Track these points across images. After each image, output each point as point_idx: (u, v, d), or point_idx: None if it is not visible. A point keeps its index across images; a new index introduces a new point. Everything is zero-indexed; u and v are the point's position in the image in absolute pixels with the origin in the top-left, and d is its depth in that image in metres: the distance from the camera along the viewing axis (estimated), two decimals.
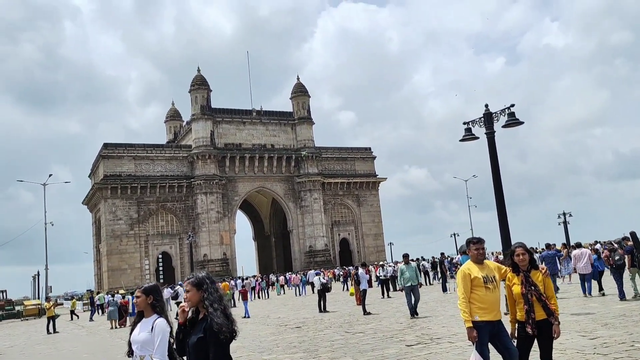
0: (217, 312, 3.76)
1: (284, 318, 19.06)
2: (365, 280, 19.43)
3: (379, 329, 13.33)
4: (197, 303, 3.92)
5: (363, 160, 77.12)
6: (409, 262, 15.85)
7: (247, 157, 66.61)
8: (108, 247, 61.38)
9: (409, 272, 15.13)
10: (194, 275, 4.08)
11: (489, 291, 5.35)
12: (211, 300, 3.83)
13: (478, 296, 5.33)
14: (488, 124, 13.65)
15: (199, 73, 67.61)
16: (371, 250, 74.25)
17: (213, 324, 3.70)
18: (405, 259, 15.87)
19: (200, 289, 3.91)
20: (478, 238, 5.59)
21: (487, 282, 5.37)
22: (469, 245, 5.57)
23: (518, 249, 5.54)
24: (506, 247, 13.32)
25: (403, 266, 15.47)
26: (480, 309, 5.30)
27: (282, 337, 13.68)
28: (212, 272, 59.88)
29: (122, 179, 61.48)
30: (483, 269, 5.47)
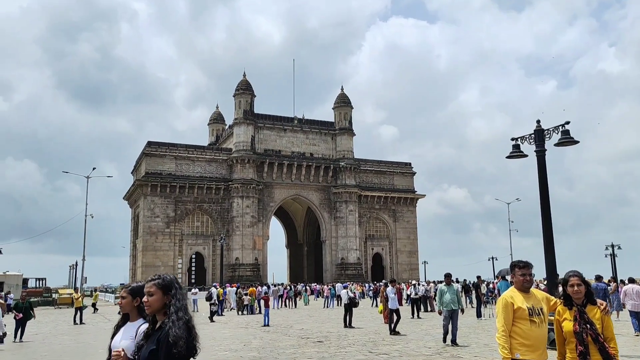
0: (180, 322, 3.13)
1: (307, 330, 18.36)
2: (394, 298, 18.15)
3: (405, 352, 12.46)
4: (159, 310, 3.28)
5: (402, 175, 75.85)
6: (451, 283, 14.25)
7: (285, 164, 66.54)
8: (144, 243, 62.26)
9: (450, 294, 13.60)
10: (160, 276, 3.42)
11: (535, 325, 4.54)
12: (177, 308, 3.21)
13: (521, 330, 4.53)
14: (539, 141, 12.66)
15: (244, 78, 68.20)
16: (404, 267, 72.65)
17: (169, 334, 3.06)
18: (447, 279, 14.23)
19: (166, 294, 3.29)
20: (525, 262, 4.79)
21: (533, 315, 4.56)
22: (514, 270, 4.78)
23: (573, 279, 4.70)
24: (551, 276, 12.26)
25: (444, 287, 13.91)
26: (522, 346, 4.49)
27: (301, 350, 12.99)
28: (242, 276, 59.88)
29: (162, 177, 62.40)
30: (529, 298, 4.67)
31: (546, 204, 12.62)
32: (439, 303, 13.65)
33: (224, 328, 20.07)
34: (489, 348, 12.90)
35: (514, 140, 13.48)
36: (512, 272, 4.79)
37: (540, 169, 12.68)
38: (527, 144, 13.22)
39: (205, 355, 12.38)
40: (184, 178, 63.18)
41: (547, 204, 12.64)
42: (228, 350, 13.30)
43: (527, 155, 13.42)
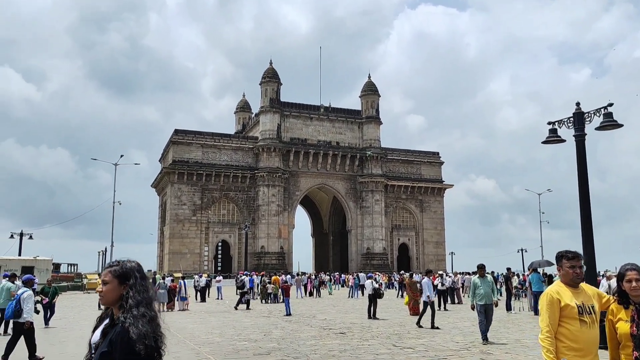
0: (143, 319, 2.56)
1: (330, 320, 17.90)
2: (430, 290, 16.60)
3: (431, 346, 11.87)
4: (114, 302, 2.72)
5: (430, 165, 74.54)
6: (485, 274, 13.12)
7: (311, 153, 66.07)
8: (171, 230, 62.83)
9: (484, 287, 12.55)
10: (119, 262, 2.84)
11: (585, 326, 3.90)
12: (136, 302, 2.63)
13: (569, 332, 3.91)
14: (578, 124, 11.80)
15: (271, 66, 67.74)
16: (431, 258, 71.61)
17: (130, 331, 2.50)
18: (481, 271, 13.09)
19: (123, 283, 2.72)
20: (575, 252, 4.14)
21: (584, 314, 3.93)
22: (561, 261, 4.13)
23: (630, 273, 4.02)
24: (590, 269, 11.45)
25: (477, 279, 12.80)
26: (570, 350, 3.87)
27: (322, 342, 12.53)
28: (267, 264, 59.91)
29: (189, 165, 62.71)
30: (578, 294, 4.03)
31: (585, 192, 11.79)
32: (472, 297, 12.68)
33: (245, 317, 19.79)
34: (521, 344, 12.21)
35: (551, 124, 12.63)
36: (559, 264, 4.15)
37: (579, 156, 11.83)
38: (564, 129, 12.37)
39: (224, 345, 12.03)
40: (210, 166, 63.37)
41: (587, 193, 11.82)
42: (247, 340, 12.94)
43: (564, 141, 12.57)
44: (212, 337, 13.63)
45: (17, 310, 10.38)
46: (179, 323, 17.34)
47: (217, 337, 13.62)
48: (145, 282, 2.78)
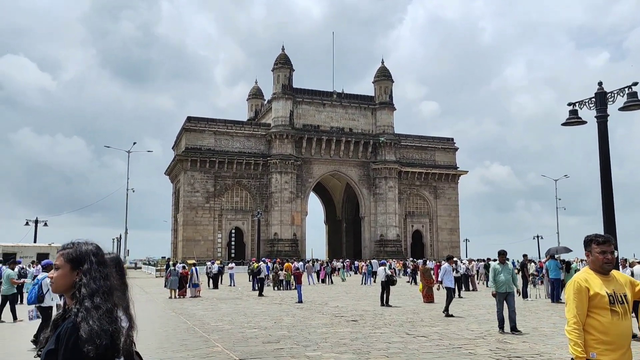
0: (97, 312, 2.19)
1: (342, 308, 17.65)
2: (450, 275, 16.54)
3: (445, 334, 11.54)
4: (67, 290, 2.36)
5: (444, 151, 73.70)
6: (506, 261, 12.56)
7: (324, 140, 65.63)
8: (184, 217, 63.07)
9: (505, 274, 12.02)
10: (74, 243, 2.44)
11: (617, 317, 3.54)
12: (90, 291, 2.25)
13: (599, 323, 3.54)
14: (600, 105, 11.27)
15: (283, 52, 67.14)
16: (445, 245, 71.10)
17: (81, 328, 2.14)
18: (502, 257, 12.49)
19: (77, 269, 2.34)
20: (606, 236, 3.76)
21: (615, 303, 3.56)
22: (590, 246, 3.76)
23: None
24: None
25: (497, 265, 12.26)
26: (600, 343, 3.51)
27: (334, 330, 12.27)
28: (280, 251, 59.92)
29: (202, 153, 62.70)
30: (609, 282, 3.66)
31: (607, 176, 11.30)
32: (493, 284, 12.13)
33: (257, 304, 19.63)
34: (538, 332, 11.84)
35: (571, 105, 12.10)
36: (588, 249, 3.77)
37: (601, 137, 11.32)
38: (585, 110, 11.84)
39: (233, 333, 11.82)
40: (223, 153, 63.29)
41: (609, 176, 11.33)
42: (257, 327, 12.73)
43: (585, 122, 12.06)
44: (222, 324, 13.45)
45: (39, 295, 10.43)
46: (190, 310, 17.22)
47: (227, 324, 13.45)
48: (103, 268, 2.39)
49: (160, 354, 9.43)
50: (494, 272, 12.19)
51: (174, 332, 12.21)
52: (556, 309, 17.19)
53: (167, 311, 17.01)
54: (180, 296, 22.60)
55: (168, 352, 9.64)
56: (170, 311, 16.92)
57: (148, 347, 10.19)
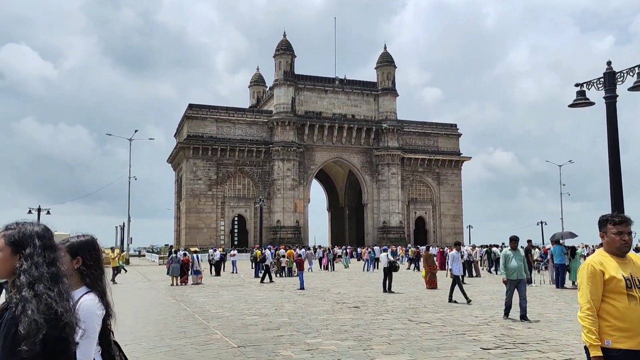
0: (38, 300, 1.95)
1: (344, 294, 17.48)
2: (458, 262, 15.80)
3: (448, 321, 11.34)
4: (9, 276, 2.10)
5: (447, 137, 73.21)
6: (517, 247, 11.98)
7: (326, 126, 65.24)
8: (187, 205, 63.00)
9: (517, 260, 11.48)
10: (17, 224, 2.18)
11: (635, 302, 3.28)
12: (32, 278, 2.00)
13: (615, 309, 3.29)
14: (609, 85, 10.91)
15: (285, 38, 66.49)
16: (448, 231, 70.94)
17: (20, 322, 1.90)
18: (513, 243, 11.93)
19: (18, 252, 2.08)
20: (623, 216, 3.49)
21: (633, 288, 3.30)
22: (605, 226, 3.49)
23: None
24: None
25: (509, 252, 11.74)
26: (616, 330, 3.26)
27: (335, 317, 12.08)
28: (283, 239, 59.85)
29: (204, 140, 62.42)
30: (625, 265, 3.40)
31: (616, 158, 10.96)
32: (504, 271, 11.64)
33: (259, 290, 19.49)
34: (544, 318, 11.63)
35: (579, 85, 11.74)
36: (602, 230, 3.51)
37: (610, 119, 10.96)
38: (593, 91, 11.49)
39: (233, 320, 11.66)
40: (225, 141, 62.99)
41: (617, 159, 10.99)
42: (258, 314, 12.56)
43: (593, 103, 11.70)
44: (222, 311, 13.29)
45: None
46: (190, 297, 17.08)
47: (227, 311, 13.29)
48: (50, 253, 2.12)
49: (158, 341, 9.26)
50: (505, 259, 11.69)
51: (173, 319, 12.06)
52: (561, 294, 16.98)
53: (168, 298, 16.87)
54: (181, 283, 22.50)
55: (166, 339, 9.47)
56: (170, 298, 16.79)
57: (146, 334, 10.04)
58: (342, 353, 7.97)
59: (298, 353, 8.04)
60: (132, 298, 17.38)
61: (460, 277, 15.74)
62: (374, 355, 7.80)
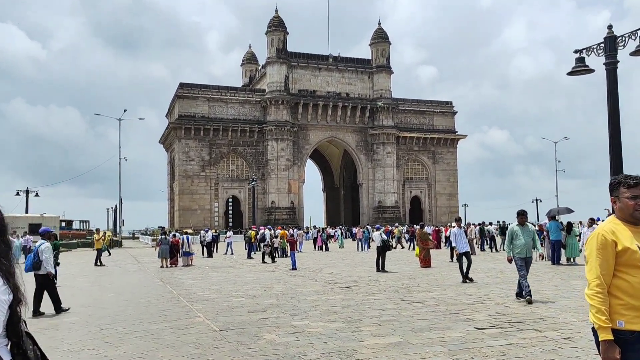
0: None
1: (337, 274, 17.08)
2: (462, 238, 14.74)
3: (442, 300, 10.94)
4: None
5: (442, 115, 72.58)
6: (525, 222, 10.96)
7: (320, 105, 64.45)
8: (180, 186, 62.43)
9: (525, 236, 10.48)
10: None
11: None
12: None
13: (628, 285, 2.80)
14: (610, 51, 10.35)
15: (277, 14, 65.22)
16: (444, 210, 70.80)
17: None
18: (521, 218, 10.85)
19: None
20: (638, 178, 2.97)
21: None
22: (617, 190, 2.98)
23: None
24: None
25: (516, 227, 10.67)
26: (630, 309, 2.78)
27: (325, 297, 11.66)
28: (278, 220, 59.51)
29: (196, 120, 61.58)
30: None
31: (616, 128, 10.47)
32: (509, 247, 10.67)
33: (249, 271, 19.08)
34: (540, 295, 11.24)
35: (578, 52, 11.17)
36: (614, 194, 2.99)
37: (610, 86, 10.43)
38: (594, 57, 10.93)
39: (218, 302, 11.22)
40: (217, 120, 62.19)
41: (618, 129, 10.50)
42: (245, 296, 12.13)
43: (593, 70, 11.15)
44: (209, 293, 12.85)
45: (35, 262, 10.24)
46: (178, 279, 16.64)
47: (214, 293, 12.85)
48: None
49: (136, 325, 8.81)
50: (511, 235, 10.65)
51: (156, 301, 11.60)
52: (557, 271, 16.63)
53: (155, 280, 16.42)
54: (171, 265, 22.06)
55: (145, 323, 9.01)
56: (157, 280, 16.34)
57: (125, 318, 9.59)
58: (329, 336, 7.54)
59: (282, 336, 7.60)
60: (117, 280, 16.93)
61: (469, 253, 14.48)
62: (363, 338, 7.37)
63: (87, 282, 15.96)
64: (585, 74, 11.22)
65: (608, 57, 10.40)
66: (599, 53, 10.62)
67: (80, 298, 12.31)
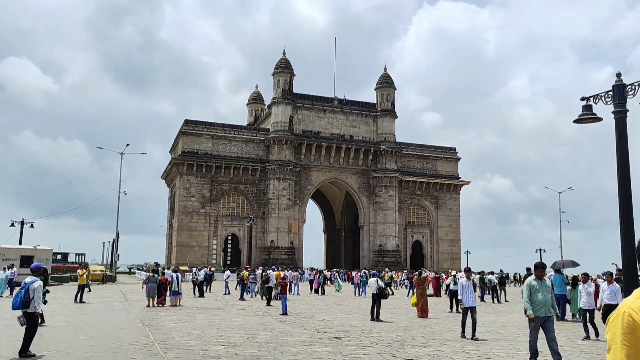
0: None
1: (328, 322, 16.17)
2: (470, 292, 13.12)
3: (437, 357, 10.08)
4: None
5: (446, 160, 72.31)
6: (544, 276, 9.63)
7: (324, 146, 64.34)
8: (179, 222, 61.67)
9: (543, 293, 9.19)
10: None
11: None
12: None
13: None
14: (619, 99, 9.88)
15: (284, 56, 66.06)
16: (445, 256, 69.53)
17: None
18: (539, 272, 9.49)
19: None
20: None
21: None
22: None
23: None
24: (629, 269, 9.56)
25: (534, 281, 9.35)
26: None
27: (311, 349, 10.81)
28: (277, 259, 58.40)
29: (199, 157, 61.42)
30: None
31: (625, 177, 9.87)
32: (528, 304, 9.24)
33: (238, 315, 18.17)
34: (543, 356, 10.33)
35: (585, 100, 10.71)
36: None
37: (619, 135, 9.90)
38: (601, 105, 10.44)
39: (195, 350, 10.39)
40: (220, 158, 62.00)
41: (627, 178, 9.90)
42: (226, 344, 11.28)
43: (601, 119, 10.65)
44: (188, 339, 11.99)
45: (25, 300, 9.53)
46: (161, 321, 15.74)
47: (193, 339, 11.99)
48: None
49: None
50: (529, 290, 9.30)
51: (127, 347, 10.76)
52: (562, 328, 15.68)
53: (135, 322, 15.52)
54: (158, 305, 21.14)
55: None
56: (138, 322, 15.44)
57: None
58: None
59: None
60: (96, 320, 16.04)
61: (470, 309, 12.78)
62: None
63: (63, 322, 15.09)
64: (593, 122, 10.72)
65: (617, 106, 9.93)
66: (607, 101, 10.15)
67: (47, 340, 11.47)
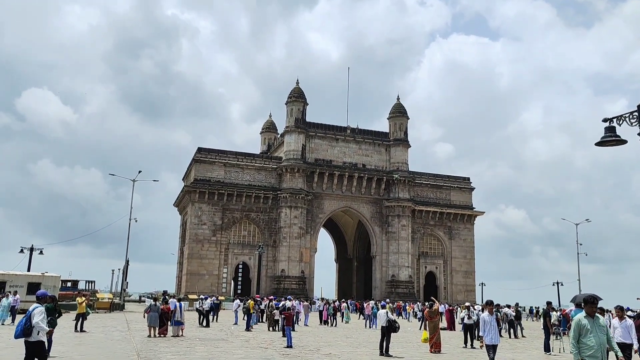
0: None
1: (334, 356, 15.32)
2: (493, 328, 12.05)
3: None
4: None
5: (460, 190, 71.27)
6: (595, 313, 7.80)
7: (336, 175, 63.85)
8: (190, 250, 61.12)
9: (597, 334, 7.54)
10: None
11: None
12: None
13: None
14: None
15: (297, 86, 66.32)
16: (459, 288, 67.79)
17: None
18: (591, 308, 7.78)
19: None
20: None
21: None
22: None
23: None
24: None
25: (584, 320, 7.68)
26: None
27: None
28: (287, 289, 57.39)
29: (211, 184, 61.23)
30: None
31: None
32: (575, 349, 7.60)
33: (240, 347, 17.37)
34: None
35: (607, 121, 10.07)
36: None
37: None
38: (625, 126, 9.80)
39: None
40: (232, 186, 61.74)
41: None
42: None
43: (626, 141, 9.98)
44: None
45: (26, 327, 8.65)
46: (158, 353, 15.03)
47: None
48: None
49: None
50: (579, 329, 7.64)
51: None
52: None
53: (131, 354, 14.82)
54: (160, 335, 20.42)
55: None
56: (134, 354, 14.75)
57: None
58: None
59: None
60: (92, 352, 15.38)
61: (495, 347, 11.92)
62: None
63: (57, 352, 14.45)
64: (617, 144, 10.04)
65: None
66: (632, 122, 9.50)
67: None
